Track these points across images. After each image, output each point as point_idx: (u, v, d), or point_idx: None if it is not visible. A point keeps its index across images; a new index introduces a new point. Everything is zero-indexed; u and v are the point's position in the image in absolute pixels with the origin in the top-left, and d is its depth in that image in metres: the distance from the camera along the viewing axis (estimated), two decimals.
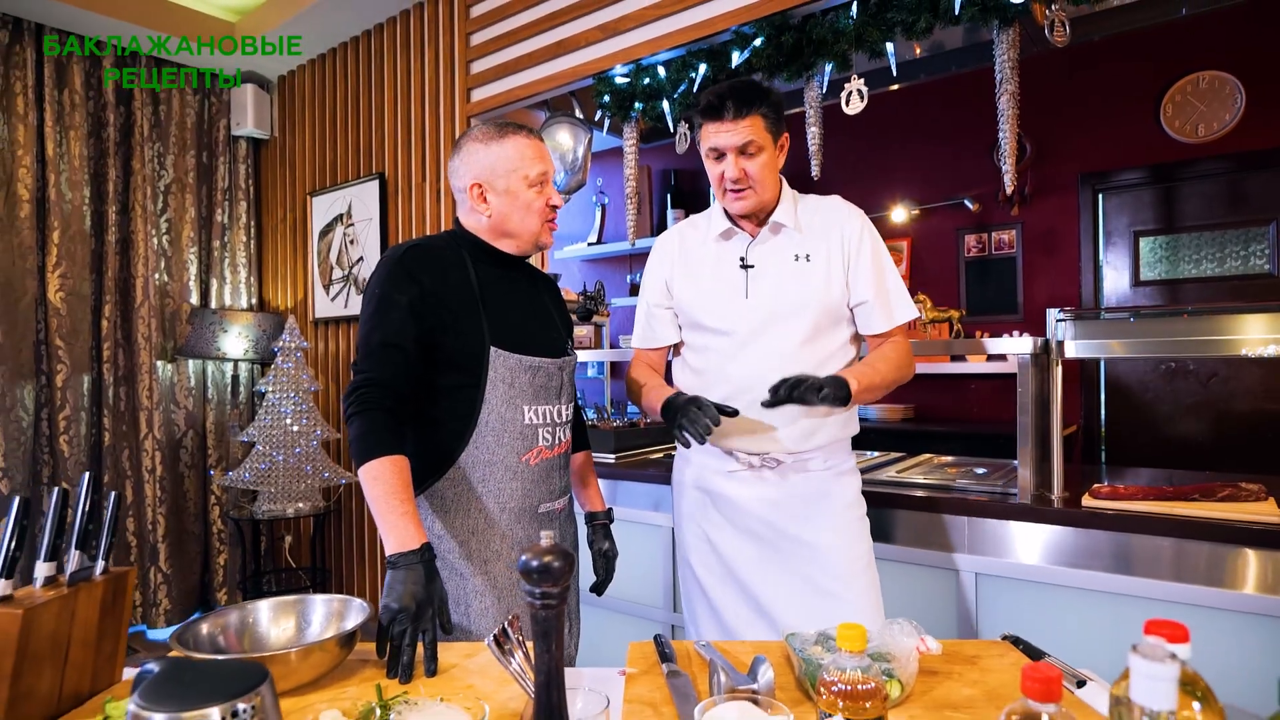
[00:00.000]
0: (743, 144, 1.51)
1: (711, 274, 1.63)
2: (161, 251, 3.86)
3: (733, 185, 1.54)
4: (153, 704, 0.69)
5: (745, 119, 1.50)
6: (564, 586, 0.85)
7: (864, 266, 1.58)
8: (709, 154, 1.56)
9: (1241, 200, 3.34)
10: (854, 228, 1.60)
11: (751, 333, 1.57)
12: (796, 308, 1.56)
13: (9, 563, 1.05)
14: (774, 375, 1.52)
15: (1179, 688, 0.57)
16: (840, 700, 0.83)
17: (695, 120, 1.57)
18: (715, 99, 1.52)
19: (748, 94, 1.51)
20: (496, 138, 1.48)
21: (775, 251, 1.60)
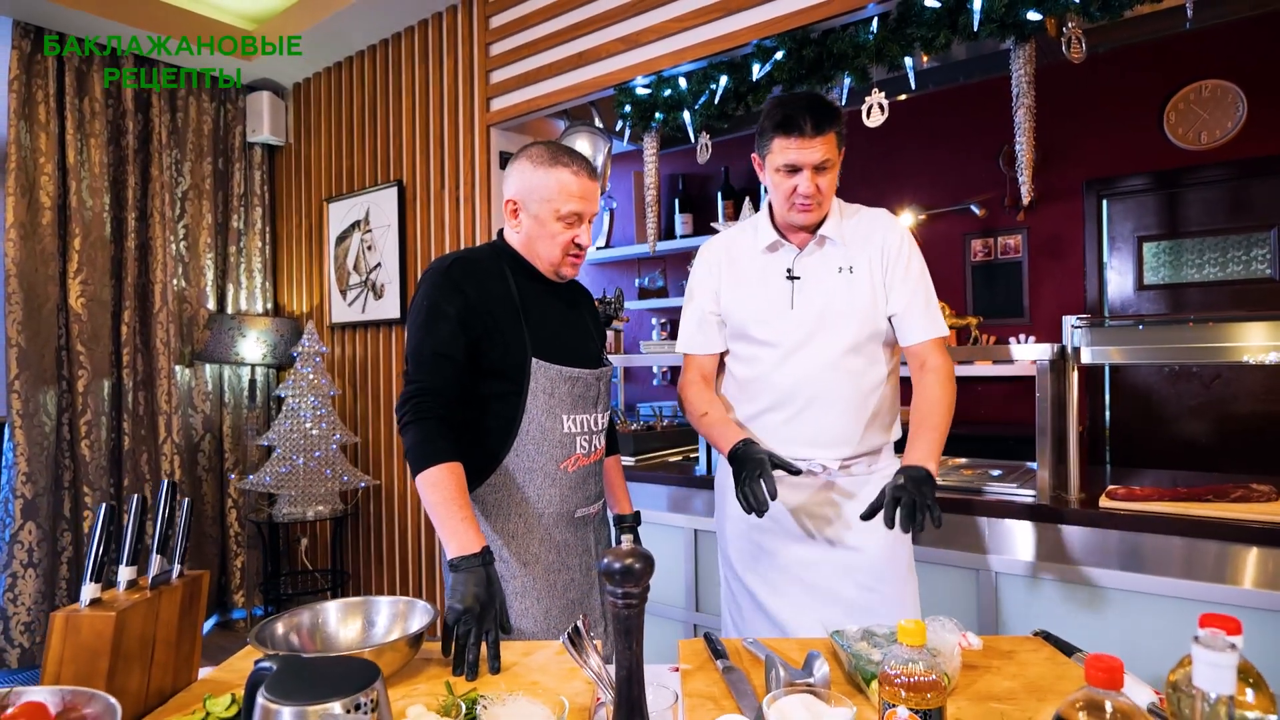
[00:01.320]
0: (821, 161, 1.52)
1: (758, 285, 1.66)
2: (179, 257, 3.90)
3: (804, 201, 1.55)
4: (281, 698, 0.74)
5: (822, 136, 1.51)
6: (644, 586, 0.91)
7: (900, 277, 1.61)
8: (781, 169, 1.55)
9: (1243, 206, 3.42)
10: (894, 239, 1.63)
11: (796, 343, 1.60)
12: (840, 318, 1.59)
13: (98, 567, 1.10)
14: (817, 384, 1.59)
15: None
16: (903, 691, 0.89)
17: (766, 134, 1.56)
18: (794, 115, 1.50)
19: (827, 111, 1.52)
20: (546, 164, 1.50)
21: (820, 263, 1.63)
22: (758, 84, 2.45)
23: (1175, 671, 0.70)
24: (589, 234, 1.56)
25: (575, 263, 1.57)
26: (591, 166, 1.56)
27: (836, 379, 1.59)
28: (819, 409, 1.60)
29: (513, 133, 3.26)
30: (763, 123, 1.58)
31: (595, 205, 1.55)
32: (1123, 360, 2.03)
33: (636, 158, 4.58)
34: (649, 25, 2.65)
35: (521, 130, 3.29)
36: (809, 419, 1.60)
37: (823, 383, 1.59)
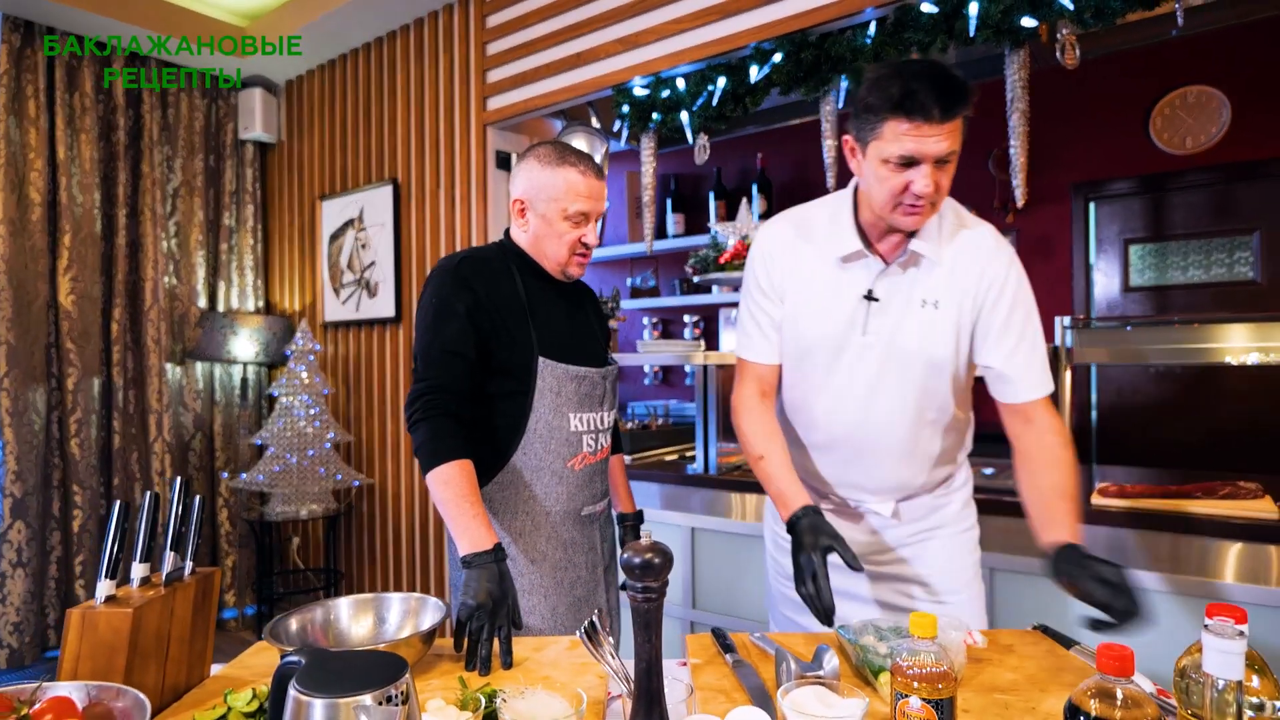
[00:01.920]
0: (947, 153, 1.21)
1: (829, 302, 1.39)
2: (170, 254, 3.88)
3: (917, 202, 1.24)
4: (312, 690, 0.76)
5: (952, 121, 1.20)
6: (664, 581, 0.92)
7: (1001, 324, 1.33)
8: (893, 160, 1.22)
9: (1227, 210, 3.49)
10: (998, 274, 1.33)
11: (861, 384, 1.38)
12: (910, 358, 1.35)
13: (113, 564, 1.11)
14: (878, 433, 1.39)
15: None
16: (916, 682, 0.92)
17: (875, 112, 1.22)
18: (919, 93, 1.17)
19: (960, 88, 1.19)
20: (554, 163, 1.51)
21: (905, 289, 1.35)
22: (755, 86, 2.47)
23: (1183, 658, 0.73)
24: (595, 233, 1.57)
25: (582, 262, 1.58)
26: (598, 166, 1.58)
27: (897, 431, 1.39)
28: (877, 458, 1.42)
29: (509, 132, 3.27)
30: (868, 97, 1.23)
31: (602, 204, 1.57)
32: (1111, 361, 2.07)
33: (628, 158, 4.59)
34: (648, 26, 2.67)
35: (518, 130, 3.30)
36: (863, 466, 1.43)
37: (884, 432, 1.39)
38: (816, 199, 1.50)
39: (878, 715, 1.01)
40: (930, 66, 1.21)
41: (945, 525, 1.49)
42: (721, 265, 2.49)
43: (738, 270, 2.47)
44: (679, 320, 5.21)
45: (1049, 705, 1.06)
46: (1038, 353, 1.36)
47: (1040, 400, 1.35)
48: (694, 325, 5.15)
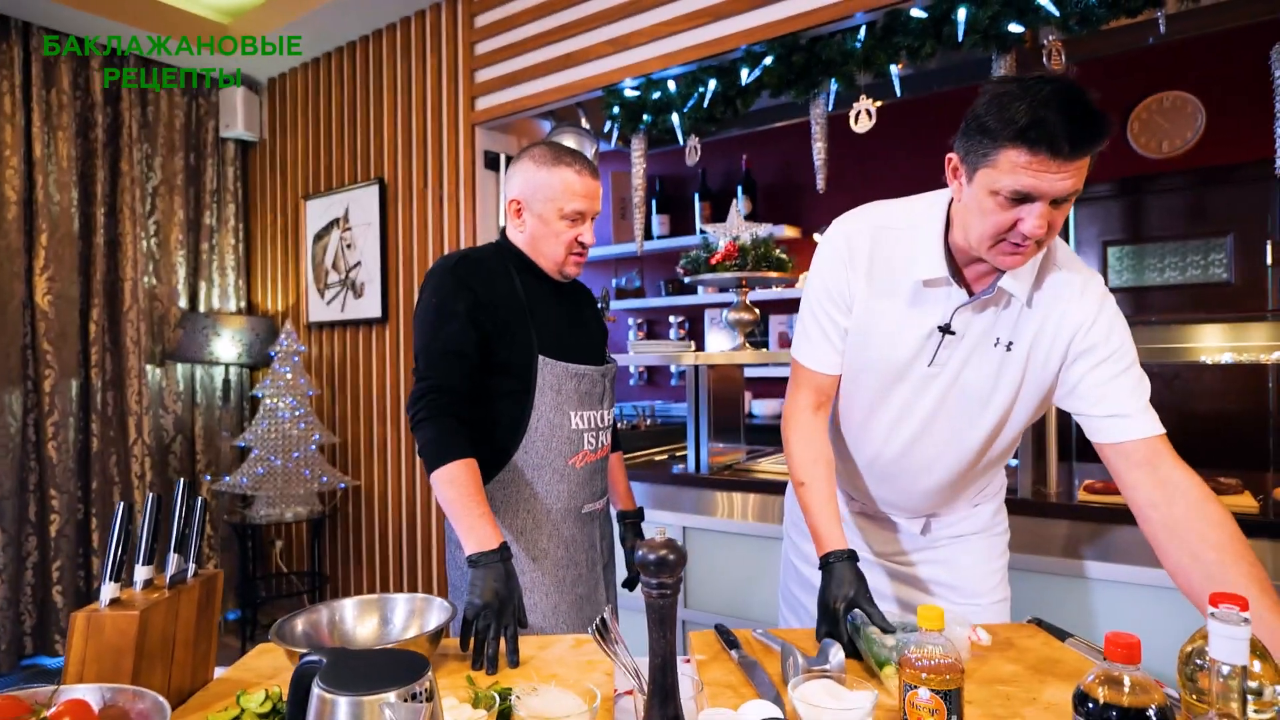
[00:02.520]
0: (1070, 192, 1.07)
1: (900, 325, 1.28)
2: (149, 254, 3.82)
3: (1024, 243, 1.10)
4: (337, 689, 0.76)
5: (1082, 158, 1.06)
6: (678, 577, 0.94)
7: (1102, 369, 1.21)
8: (1005, 194, 1.07)
9: (1202, 213, 3.57)
10: (1085, 316, 1.21)
11: (918, 417, 1.32)
12: (972, 398, 1.28)
13: (117, 567, 1.09)
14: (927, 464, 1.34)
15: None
16: (924, 674, 0.94)
17: (995, 137, 1.06)
18: (1051, 123, 1.02)
19: (1098, 121, 1.05)
20: (550, 163, 1.52)
21: (981, 324, 1.25)
22: (746, 88, 2.49)
23: (1188, 645, 0.75)
24: (592, 232, 1.58)
25: (579, 261, 1.59)
26: (593, 166, 1.59)
27: (940, 467, 1.35)
28: (916, 486, 1.39)
29: (498, 132, 3.26)
30: (986, 116, 1.08)
31: (597, 204, 1.58)
32: None
33: (613, 159, 4.60)
34: (638, 28, 2.68)
35: (507, 130, 3.29)
36: (898, 488, 1.41)
37: (923, 470, 1.36)
38: (901, 199, 1.33)
39: (884, 708, 1.03)
40: (1066, 90, 1.05)
41: (977, 532, 1.48)
42: (713, 266, 2.50)
43: (728, 271, 2.49)
44: (664, 321, 5.23)
45: (1049, 695, 1.08)
46: (1139, 388, 1.22)
47: (1162, 443, 1.17)
48: (679, 326, 5.18)
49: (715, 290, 4.34)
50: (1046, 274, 1.23)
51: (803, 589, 1.58)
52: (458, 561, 1.55)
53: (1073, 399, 1.25)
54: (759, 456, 2.91)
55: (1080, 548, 1.88)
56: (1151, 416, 1.20)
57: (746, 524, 2.38)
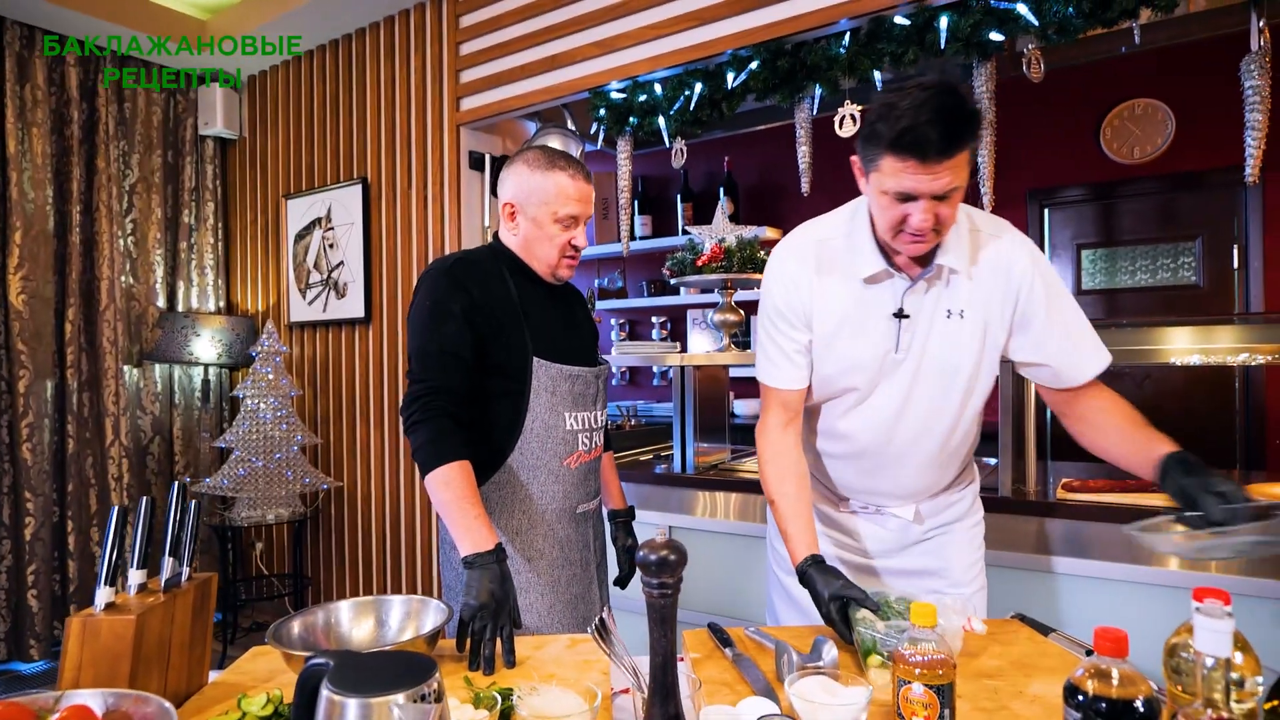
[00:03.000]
0: (946, 190, 1.17)
1: (859, 323, 1.36)
2: (127, 253, 3.76)
3: (915, 236, 1.22)
4: (346, 690, 0.76)
5: (953, 158, 1.15)
6: (678, 577, 0.95)
7: (1039, 321, 1.33)
8: (891, 193, 1.21)
9: (1172, 217, 3.67)
10: (1023, 272, 1.32)
11: (891, 400, 1.38)
12: (939, 371, 1.36)
13: (112, 571, 1.09)
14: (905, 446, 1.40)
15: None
16: (918, 669, 0.96)
17: (875, 144, 1.19)
18: (919, 130, 1.12)
19: (962, 123, 1.13)
20: (544, 168, 1.53)
21: (932, 302, 1.34)
22: (732, 92, 2.52)
23: (1173, 638, 0.79)
24: (585, 236, 1.59)
25: (571, 264, 1.60)
26: (586, 170, 1.60)
27: (926, 442, 1.41)
28: (899, 468, 1.44)
29: (483, 133, 3.26)
30: (875, 124, 1.19)
31: (590, 207, 1.59)
32: None
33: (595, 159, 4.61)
34: (625, 31, 2.69)
35: (492, 131, 3.29)
36: (888, 476, 1.46)
37: (910, 450, 1.42)
38: (824, 215, 1.46)
39: (878, 703, 1.05)
40: (936, 96, 1.13)
41: (959, 520, 1.54)
42: (699, 268, 2.53)
43: (714, 273, 2.51)
44: (646, 321, 5.25)
45: (1035, 688, 1.11)
46: (1087, 331, 1.36)
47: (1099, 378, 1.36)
48: (661, 326, 5.20)
49: (697, 291, 4.37)
50: (979, 244, 1.33)
51: (782, 599, 1.62)
52: (453, 562, 1.55)
53: (1024, 353, 1.37)
54: (743, 456, 2.94)
55: (1059, 545, 1.93)
56: (1096, 355, 1.35)
57: (733, 523, 2.40)
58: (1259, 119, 1.89)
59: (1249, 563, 1.70)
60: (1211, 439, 3.57)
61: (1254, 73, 1.88)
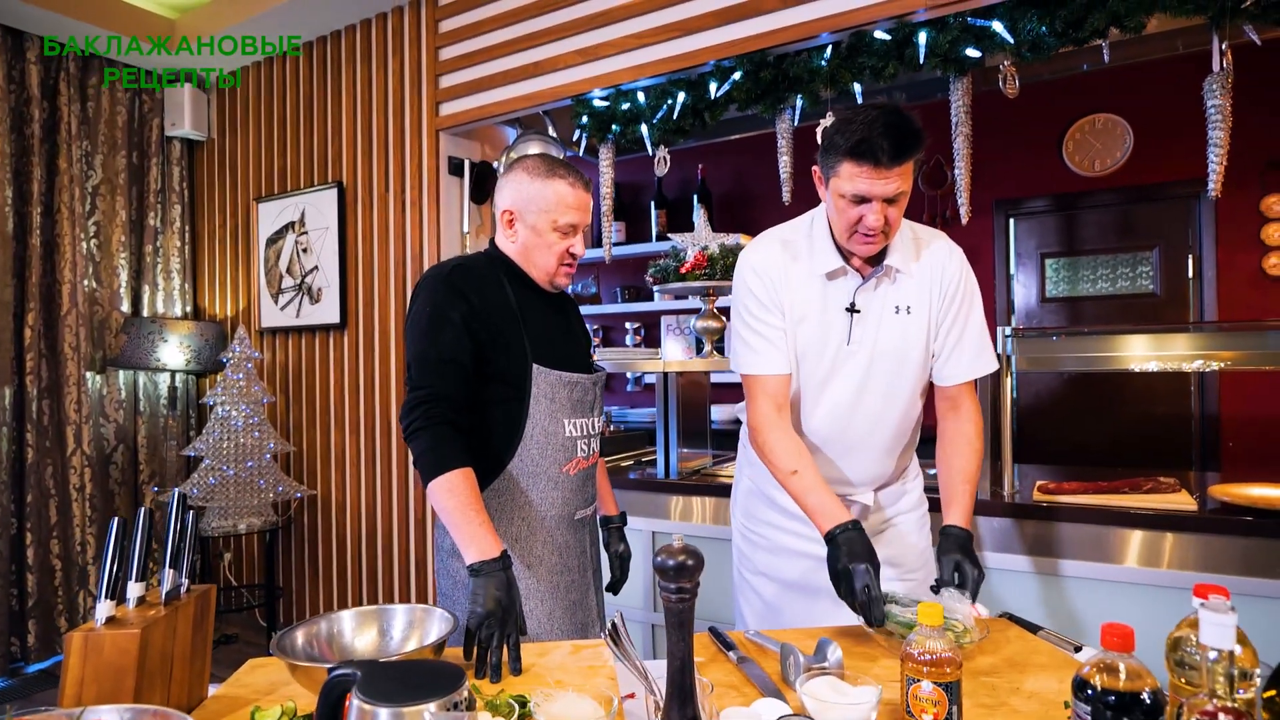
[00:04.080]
0: (895, 194, 1.35)
1: (818, 315, 1.51)
2: (89, 256, 3.66)
3: (869, 234, 1.39)
4: (377, 700, 0.76)
5: (901, 165, 1.33)
6: (695, 582, 0.97)
7: (950, 318, 1.51)
8: (848, 197, 1.37)
9: (1130, 228, 3.81)
10: (954, 274, 1.51)
11: (846, 391, 1.52)
12: (892, 362, 1.50)
13: (112, 584, 1.07)
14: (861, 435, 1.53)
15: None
16: (925, 668, 0.99)
17: (834, 154, 1.37)
18: (871, 140, 1.30)
19: (908, 136, 1.32)
20: (543, 176, 1.54)
21: (880, 298, 1.50)
22: (715, 101, 2.55)
23: (1176, 631, 0.83)
24: (583, 244, 1.60)
25: (569, 272, 1.61)
26: (586, 178, 1.61)
27: (881, 429, 1.54)
28: (858, 454, 1.56)
29: (463, 138, 3.24)
30: (832, 137, 1.38)
31: (589, 216, 1.60)
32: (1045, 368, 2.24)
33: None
34: (608, 39, 2.71)
35: (471, 136, 3.28)
36: (846, 463, 1.57)
37: (867, 437, 1.54)
38: (786, 222, 1.62)
39: (886, 702, 1.08)
40: (886, 114, 1.33)
41: (911, 511, 1.66)
42: (682, 275, 2.55)
43: (698, 280, 2.54)
44: (621, 327, 5.26)
45: (1030, 684, 1.15)
46: (975, 341, 1.53)
47: (968, 388, 1.54)
48: (635, 332, 5.22)
49: (671, 297, 4.40)
50: (920, 248, 1.53)
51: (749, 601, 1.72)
52: (450, 570, 1.55)
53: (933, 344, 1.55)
54: (724, 461, 2.97)
55: (1037, 545, 1.99)
56: (969, 365, 1.53)
57: (718, 528, 2.43)
58: (1221, 137, 1.98)
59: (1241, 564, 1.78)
60: (1169, 442, 3.71)
61: (1216, 92, 1.97)
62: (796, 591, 1.64)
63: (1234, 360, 2.00)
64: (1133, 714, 0.78)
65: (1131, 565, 1.87)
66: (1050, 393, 3.99)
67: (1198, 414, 3.68)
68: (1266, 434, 3.52)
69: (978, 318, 1.54)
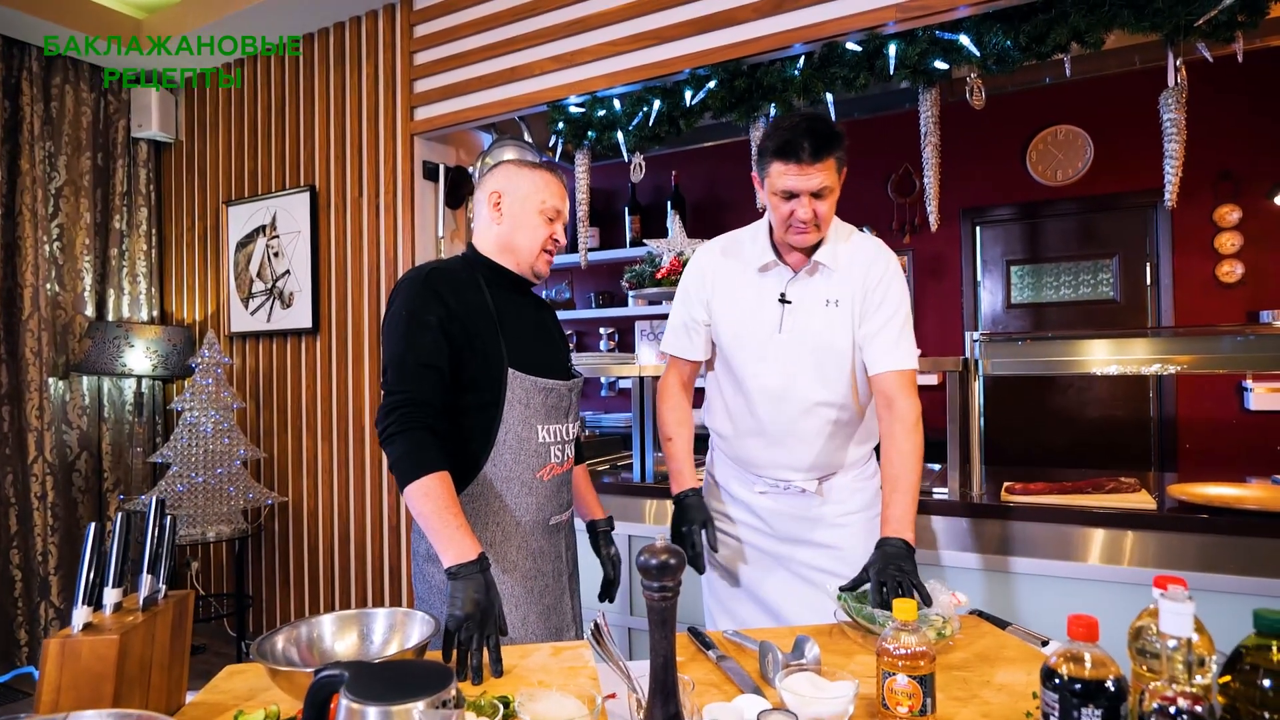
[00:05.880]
0: (819, 188, 1.51)
1: (751, 305, 1.66)
2: (52, 259, 3.58)
3: (801, 226, 1.55)
4: (366, 699, 0.77)
5: (821, 162, 1.49)
6: (678, 580, 0.99)
7: (876, 303, 1.61)
8: (779, 193, 1.54)
9: (1091, 236, 3.92)
10: (880, 268, 1.62)
11: (780, 377, 1.63)
12: (822, 350, 1.61)
13: (90, 590, 1.06)
14: (797, 421, 1.63)
15: None
16: (900, 662, 1.02)
17: (765, 156, 1.55)
18: (794, 140, 1.48)
19: (827, 136, 1.49)
20: (528, 168, 1.61)
21: (811, 291, 1.63)
22: (690, 109, 2.58)
23: (1137, 621, 0.87)
24: (562, 233, 1.63)
25: (549, 260, 1.64)
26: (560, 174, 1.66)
27: (816, 416, 1.63)
28: (798, 441, 1.65)
29: (437, 143, 3.24)
30: (763, 143, 1.57)
31: (566, 208, 1.64)
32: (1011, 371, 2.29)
33: None
34: (584, 46, 2.73)
35: (446, 141, 3.27)
36: (788, 448, 1.67)
37: (802, 420, 1.63)
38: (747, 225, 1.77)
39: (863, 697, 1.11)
40: (808, 119, 1.51)
41: (864, 509, 1.72)
42: (658, 280, 2.58)
43: (673, 285, 2.56)
44: (595, 332, 5.27)
45: (1001, 677, 1.19)
46: (905, 336, 1.60)
47: (898, 375, 1.58)
48: (609, 338, 5.23)
49: (645, 303, 4.42)
50: (853, 249, 1.65)
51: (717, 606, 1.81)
52: (425, 575, 1.55)
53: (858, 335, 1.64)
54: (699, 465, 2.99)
55: (1005, 544, 2.04)
56: (898, 354, 1.59)
57: None
58: (1176, 149, 2.05)
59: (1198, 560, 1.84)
60: (1129, 443, 3.82)
61: (1171, 106, 2.05)
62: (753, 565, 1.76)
63: (1190, 364, 2.08)
64: (1097, 701, 0.81)
65: (1095, 563, 1.93)
66: (1016, 397, 4.09)
67: (1156, 417, 3.80)
68: (1220, 435, 3.64)
69: (901, 314, 1.61)
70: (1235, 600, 1.76)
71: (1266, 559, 1.78)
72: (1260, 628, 0.78)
